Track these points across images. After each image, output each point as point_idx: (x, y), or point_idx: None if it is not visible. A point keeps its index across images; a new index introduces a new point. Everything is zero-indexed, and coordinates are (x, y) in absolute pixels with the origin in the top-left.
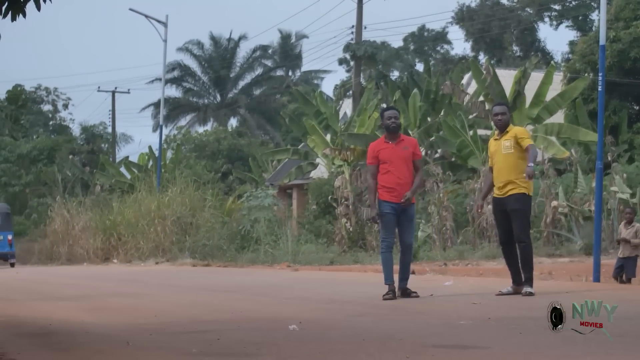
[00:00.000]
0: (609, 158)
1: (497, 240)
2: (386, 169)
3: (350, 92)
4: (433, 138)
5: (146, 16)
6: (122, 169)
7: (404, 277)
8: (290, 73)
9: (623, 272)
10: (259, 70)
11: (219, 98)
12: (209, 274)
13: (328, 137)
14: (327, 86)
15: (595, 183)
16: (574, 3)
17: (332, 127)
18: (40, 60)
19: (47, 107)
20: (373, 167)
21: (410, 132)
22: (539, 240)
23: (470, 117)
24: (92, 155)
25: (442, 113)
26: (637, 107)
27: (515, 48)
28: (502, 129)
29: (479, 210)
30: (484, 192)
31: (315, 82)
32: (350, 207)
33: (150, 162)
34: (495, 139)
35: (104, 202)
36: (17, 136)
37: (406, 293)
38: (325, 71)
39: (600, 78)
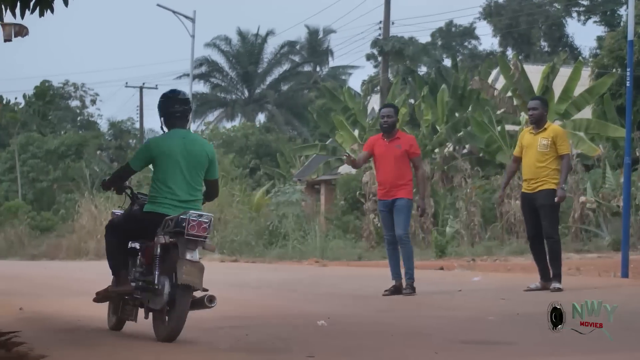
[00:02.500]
0: (637, 153)
1: (526, 235)
2: (377, 166)
3: (378, 87)
4: (461, 133)
5: (174, 12)
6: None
7: (405, 272)
8: (318, 69)
9: None
10: (286, 66)
11: (246, 94)
12: (237, 269)
13: (356, 133)
14: (355, 82)
15: (624, 178)
16: None
17: (360, 122)
18: (68, 56)
19: (74, 103)
20: (364, 152)
21: (438, 128)
22: (567, 236)
23: (498, 112)
24: (120, 150)
25: (470, 109)
26: None
27: (543, 43)
28: (535, 124)
29: (500, 201)
30: (505, 180)
31: (343, 77)
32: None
33: None
34: (531, 133)
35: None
36: (45, 132)
37: (399, 290)
38: (353, 67)
39: (628, 73)
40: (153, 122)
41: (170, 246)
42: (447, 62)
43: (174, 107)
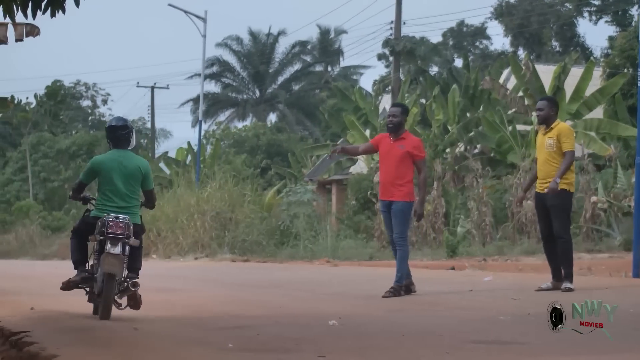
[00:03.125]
0: None
1: (537, 235)
2: (380, 165)
3: (389, 87)
4: (472, 133)
5: (185, 12)
6: (161, 165)
7: (395, 273)
8: (329, 68)
9: None
10: (298, 66)
11: (258, 93)
12: (248, 269)
13: (367, 133)
14: (366, 81)
15: (635, 178)
16: None
17: (372, 122)
18: (79, 55)
19: (86, 103)
20: (367, 143)
21: (449, 128)
22: (578, 235)
23: (510, 112)
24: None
25: (481, 108)
26: None
27: (554, 43)
28: (543, 124)
29: (519, 203)
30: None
31: (354, 77)
32: None
33: (189, 158)
34: (542, 133)
35: None
36: (57, 132)
37: (408, 289)
38: (364, 66)
39: None
40: (164, 122)
41: (103, 243)
42: (459, 62)
43: (115, 134)
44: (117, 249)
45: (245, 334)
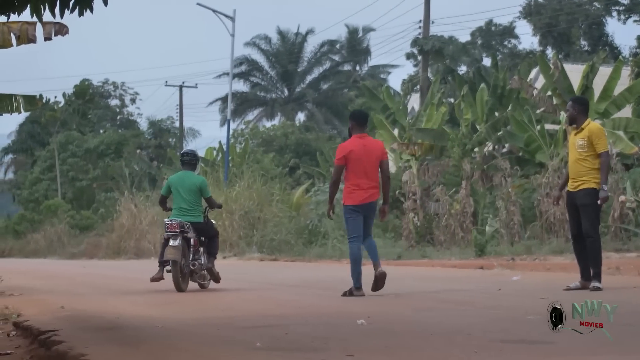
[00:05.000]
0: None
1: (566, 235)
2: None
3: (418, 86)
4: (500, 133)
5: (214, 11)
6: None
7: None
8: (357, 67)
9: None
10: (326, 65)
11: (286, 92)
12: (277, 268)
13: (396, 132)
14: (395, 80)
15: None
16: None
17: (400, 121)
18: (107, 54)
19: (114, 102)
20: (337, 167)
21: (477, 127)
22: (607, 235)
23: (538, 111)
24: (160, 149)
25: (509, 108)
26: None
27: (583, 42)
28: (572, 124)
29: (556, 202)
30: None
31: (383, 76)
32: (418, 201)
33: (219, 157)
34: (573, 134)
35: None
36: (85, 131)
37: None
38: (392, 65)
39: None
40: (192, 121)
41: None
42: (487, 62)
43: (183, 158)
44: (175, 242)
45: (274, 333)
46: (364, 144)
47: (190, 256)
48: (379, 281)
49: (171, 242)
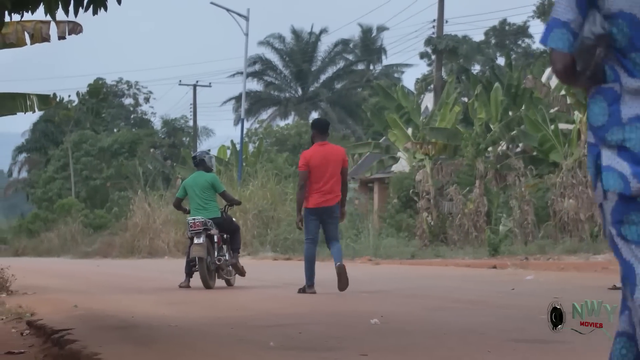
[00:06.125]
0: None
1: (579, 234)
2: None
3: (432, 86)
4: (514, 132)
5: (228, 10)
6: None
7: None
8: (371, 67)
9: None
10: (340, 64)
11: (300, 92)
12: (290, 267)
13: (409, 131)
14: (409, 80)
15: None
16: None
17: (414, 121)
18: (121, 53)
19: (128, 101)
20: (302, 172)
21: (491, 126)
22: None
23: (552, 111)
24: (173, 148)
25: (523, 107)
26: None
27: None
28: None
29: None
30: None
31: (396, 75)
32: (432, 201)
33: (231, 155)
34: None
35: None
36: (99, 130)
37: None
38: (406, 65)
39: None
40: (206, 120)
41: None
42: (501, 61)
43: (195, 160)
44: (200, 240)
45: (287, 332)
46: (324, 152)
47: (215, 253)
48: (341, 276)
49: (195, 240)
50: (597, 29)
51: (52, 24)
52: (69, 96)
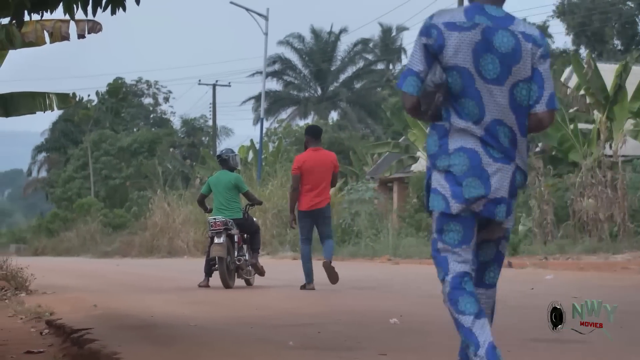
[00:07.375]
0: None
1: (599, 234)
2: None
3: None
4: None
5: (247, 9)
6: None
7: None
8: (390, 66)
9: None
10: (360, 64)
11: (319, 91)
12: None
13: (428, 131)
14: None
15: None
16: None
17: None
18: (141, 53)
19: (147, 100)
20: (294, 175)
21: None
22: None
23: (571, 110)
24: (193, 148)
25: None
26: None
27: (616, 42)
28: None
29: None
30: None
31: None
32: None
33: (251, 155)
34: None
35: None
36: (118, 129)
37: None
38: None
39: None
40: (225, 120)
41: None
42: None
43: (220, 158)
44: (220, 239)
45: (306, 332)
46: (317, 157)
47: (235, 253)
48: (329, 271)
49: (216, 240)
50: (436, 79)
51: (72, 23)
52: (89, 95)
